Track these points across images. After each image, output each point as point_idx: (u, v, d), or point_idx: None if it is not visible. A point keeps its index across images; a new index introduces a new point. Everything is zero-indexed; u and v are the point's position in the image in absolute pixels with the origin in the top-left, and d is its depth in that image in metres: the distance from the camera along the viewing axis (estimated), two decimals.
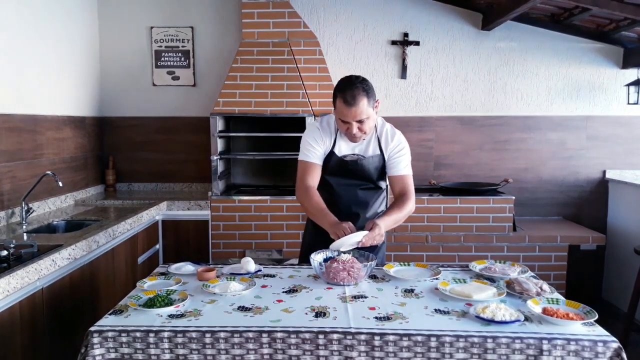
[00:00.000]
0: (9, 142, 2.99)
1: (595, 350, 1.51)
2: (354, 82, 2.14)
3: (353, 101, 2.09)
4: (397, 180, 2.32)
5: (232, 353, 1.56)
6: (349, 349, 1.54)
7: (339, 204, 2.30)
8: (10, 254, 2.11)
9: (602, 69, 4.22)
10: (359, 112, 2.11)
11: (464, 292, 1.84)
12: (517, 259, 3.68)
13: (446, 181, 4.27)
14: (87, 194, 3.93)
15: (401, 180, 2.31)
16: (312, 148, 2.28)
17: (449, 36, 4.22)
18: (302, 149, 2.32)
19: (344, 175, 2.32)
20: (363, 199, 2.34)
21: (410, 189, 2.31)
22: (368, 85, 2.15)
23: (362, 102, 2.10)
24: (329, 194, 2.32)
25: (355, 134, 2.17)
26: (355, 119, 2.13)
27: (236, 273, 2.10)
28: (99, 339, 1.57)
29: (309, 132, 2.34)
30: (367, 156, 2.29)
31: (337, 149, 2.29)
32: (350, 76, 2.19)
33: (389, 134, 2.31)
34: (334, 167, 2.31)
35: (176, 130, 4.29)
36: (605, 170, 4.29)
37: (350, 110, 2.11)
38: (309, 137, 2.31)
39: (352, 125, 2.14)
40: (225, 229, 3.75)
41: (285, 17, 3.88)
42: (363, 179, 2.32)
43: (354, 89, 2.11)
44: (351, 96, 2.09)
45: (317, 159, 2.29)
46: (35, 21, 3.29)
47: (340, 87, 2.15)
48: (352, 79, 2.16)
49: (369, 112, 2.14)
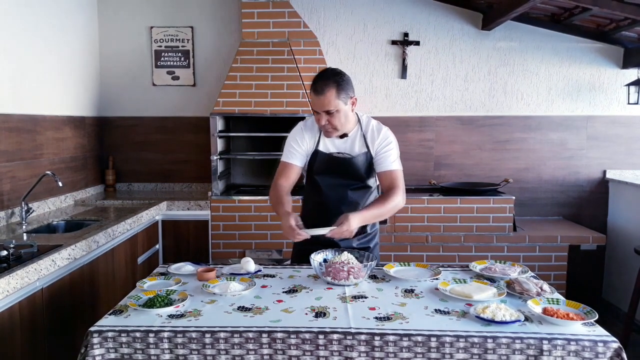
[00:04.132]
0: (9, 142, 2.99)
1: (595, 351, 1.50)
2: (328, 74, 2.16)
3: (321, 90, 2.10)
4: (385, 176, 2.28)
5: (232, 353, 1.55)
6: (349, 349, 1.54)
7: (329, 205, 2.27)
8: (10, 254, 2.11)
9: (603, 69, 4.22)
10: (326, 101, 2.10)
11: (464, 292, 1.84)
12: (518, 259, 3.68)
13: (446, 181, 4.27)
14: (86, 194, 3.92)
15: (389, 176, 2.26)
16: (292, 149, 2.29)
17: (449, 36, 4.22)
18: (284, 149, 2.33)
19: (332, 175, 2.29)
20: (353, 200, 2.30)
21: (399, 184, 2.25)
22: (343, 79, 2.14)
23: (330, 92, 2.10)
24: (318, 195, 2.31)
25: (325, 125, 2.16)
26: (323, 108, 2.12)
27: (236, 273, 2.10)
28: (99, 339, 1.56)
29: (292, 133, 2.34)
30: (354, 155, 2.27)
31: (322, 147, 2.29)
32: (327, 68, 2.23)
33: (375, 130, 2.28)
34: (320, 165, 2.29)
35: (176, 130, 4.29)
36: (606, 170, 4.29)
37: (318, 99, 2.11)
38: (291, 137, 2.32)
39: (321, 116, 2.15)
40: (225, 229, 3.75)
41: (285, 17, 3.88)
42: (352, 178, 2.29)
43: (324, 79, 2.12)
44: (320, 85, 2.11)
45: (296, 160, 2.29)
46: (35, 21, 3.28)
47: (315, 77, 2.17)
48: (327, 70, 2.19)
49: (337, 105, 2.12)
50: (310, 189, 2.37)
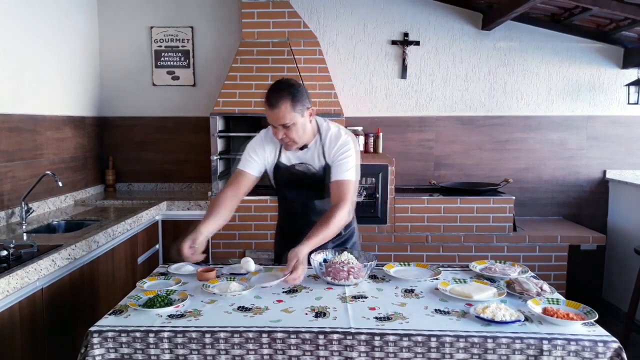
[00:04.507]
0: (9, 142, 2.99)
1: (595, 351, 1.50)
2: (282, 85, 2.06)
3: (275, 103, 2.02)
4: (334, 186, 2.13)
5: (232, 353, 1.55)
6: (349, 349, 1.54)
7: (298, 215, 2.26)
8: (10, 254, 2.11)
9: (603, 69, 4.22)
10: (280, 115, 2.02)
11: (464, 292, 1.84)
12: (518, 259, 3.68)
13: (446, 181, 4.27)
14: (86, 194, 3.92)
15: (339, 186, 2.11)
16: (248, 157, 2.23)
17: (449, 36, 4.22)
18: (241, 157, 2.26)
19: (296, 187, 2.25)
20: (320, 208, 2.24)
21: (346, 196, 2.10)
22: (297, 90, 2.05)
23: (284, 105, 2.01)
24: (287, 207, 2.32)
25: (283, 139, 2.09)
26: (278, 122, 2.04)
27: (236, 273, 2.10)
28: (99, 339, 1.56)
29: (252, 141, 2.27)
30: (317, 168, 2.20)
31: (283, 159, 2.23)
32: (281, 79, 2.12)
33: (333, 139, 2.17)
34: (284, 177, 2.25)
35: (176, 130, 4.29)
36: (606, 170, 4.29)
37: (272, 112, 2.03)
38: (250, 146, 2.25)
39: (277, 130, 2.07)
40: (225, 229, 3.69)
41: (285, 17, 3.88)
42: (316, 189, 2.24)
43: (279, 91, 2.03)
44: (274, 98, 2.02)
45: (251, 169, 2.22)
46: (35, 21, 3.28)
47: (268, 89, 2.07)
48: (281, 81, 2.09)
49: (293, 118, 2.04)
50: (280, 199, 2.38)
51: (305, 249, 1.96)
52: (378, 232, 3.78)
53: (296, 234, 2.10)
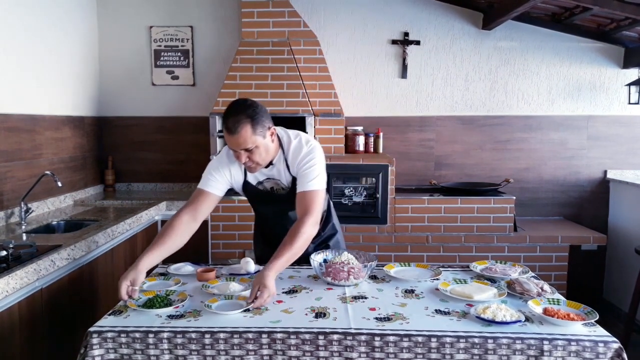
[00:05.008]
0: (8, 142, 2.99)
1: (596, 351, 1.50)
2: (238, 108, 1.94)
3: (234, 129, 1.90)
4: (299, 198, 2.03)
5: (232, 354, 1.55)
6: (349, 349, 1.54)
7: (274, 229, 2.21)
8: (10, 254, 2.11)
9: (603, 69, 4.21)
10: (241, 140, 1.91)
11: (464, 292, 1.83)
12: (518, 259, 3.68)
13: (447, 181, 4.27)
14: (86, 194, 3.92)
15: (303, 198, 2.02)
16: (210, 176, 2.14)
17: (450, 35, 4.21)
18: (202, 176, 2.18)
19: (268, 202, 2.21)
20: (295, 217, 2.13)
21: (312, 208, 1.99)
22: (255, 112, 1.94)
23: (245, 130, 1.90)
24: (263, 222, 2.32)
25: (246, 162, 2.00)
26: (240, 147, 1.94)
27: (236, 273, 2.10)
28: (98, 339, 1.56)
29: (214, 160, 2.20)
30: (285, 184, 2.14)
31: (249, 177, 2.16)
32: (237, 100, 2.00)
33: (295, 151, 2.08)
34: (255, 196, 2.21)
35: (175, 130, 4.28)
36: (606, 170, 4.29)
37: (232, 138, 1.92)
38: (212, 165, 2.17)
39: (240, 154, 1.97)
40: (225, 229, 3.75)
41: (285, 17, 3.88)
42: (286, 202, 2.14)
43: (236, 115, 1.91)
44: (232, 123, 1.90)
45: (213, 188, 2.12)
46: (34, 20, 3.28)
47: (225, 113, 1.96)
48: (238, 103, 1.97)
49: (255, 141, 1.93)
50: (257, 216, 2.39)
51: (270, 274, 1.80)
52: (378, 232, 3.78)
53: (274, 238, 2.08)
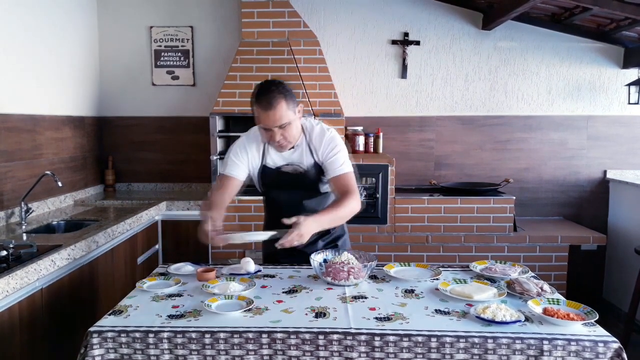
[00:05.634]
0: (8, 142, 2.99)
1: (595, 351, 1.50)
2: (270, 86, 2.03)
3: (270, 105, 1.98)
4: (335, 182, 2.16)
5: (232, 354, 1.55)
6: (349, 349, 1.54)
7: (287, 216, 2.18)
8: (10, 254, 2.11)
9: (603, 69, 4.22)
10: (277, 116, 1.99)
11: (464, 292, 1.84)
12: (518, 259, 3.68)
13: (447, 181, 4.27)
14: (86, 194, 3.92)
15: (340, 180, 2.14)
16: (232, 162, 2.19)
17: (450, 36, 4.21)
18: (224, 163, 2.24)
19: (284, 188, 2.23)
20: (310, 208, 2.22)
21: (352, 187, 2.13)
22: (285, 89, 2.04)
23: (280, 105, 1.99)
24: (275, 210, 2.25)
25: (280, 141, 2.06)
26: (275, 124, 2.01)
27: (236, 273, 2.10)
28: (99, 339, 1.56)
29: (233, 146, 2.23)
30: (305, 167, 2.18)
31: (269, 162, 2.20)
32: (266, 80, 2.09)
33: (318, 136, 2.17)
34: (271, 180, 2.22)
35: (176, 130, 4.28)
36: (606, 170, 4.29)
37: (268, 115, 2.00)
38: (232, 151, 2.21)
39: (274, 132, 2.03)
40: (225, 230, 3.73)
41: (285, 17, 3.88)
42: (304, 188, 2.22)
43: (270, 92, 2.00)
44: (267, 100, 1.99)
45: (236, 173, 2.19)
46: (35, 20, 3.28)
47: (256, 93, 2.04)
48: (268, 83, 2.06)
49: (289, 116, 2.02)
50: (266, 202, 2.35)
51: (311, 221, 1.93)
52: (378, 232, 3.78)
53: None
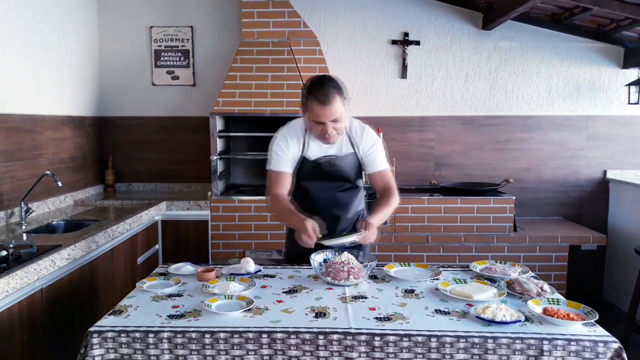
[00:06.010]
0: (8, 142, 2.99)
1: (595, 351, 1.50)
2: (325, 81, 2.11)
3: (327, 100, 2.05)
4: (376, 177, 2.28)
5: (232, 354, 1.55)
6: (349, 349, 1.54)
7: (319, 208, 2.24)
8: (10, 254, 2.11)
9: (603, 69, 4.22)
10: (333, 110, 2.06)
11: (464, 292, 1.84)
12: (518, 259, 3.68)
13: (447, 181, 4.27)
14: (86, 194, 3.92)
15: (381, 176, 2.28)
16: (278, 157, 2.22)
17: (450, 36, 4.21)
18: (269, 158, 2.26)
19: (320, 179, 2.26)
20: (342, 201, 2.29)
21: (392, 184, 2.28)
22: (339, 84, 2.12)
23: (336, 100, 2.07)
24: (307, 200, 2.28)
25: (331, 134, 2.12)
26: (331, 118, 2.08)
27: (236, 273, 2.10)
28: (99, 339, 1.56)
29: (276, 140, 2.26)
30: (341, 155, 2.24)
31: (308, 153, 2.24)
32: (321, 76, 2.17)
33: (358, 130, 2.26)
34: (308, 172, 2.25)
35: (176, 130, 4.28)
36: (606, 170, 4.29)
37: (325, 109, 2.06)
38: (275, 145, 2.24)
39: (327, 125, 2.10)
40: (225, 229, 3.75)
41: (285, 17, 3.88)
42: (340, 180, 2.28)
43: (327, 87, 2.07)
44: (324, 95, 2.05)
45: (286, 167, 2.23)
46: (35, 20, 3.28)
47: (312, 87, 2.10)
48: (322, 78, 2.14)
49: (342, 110, 2.10)
50: (298, 193, 2.34)
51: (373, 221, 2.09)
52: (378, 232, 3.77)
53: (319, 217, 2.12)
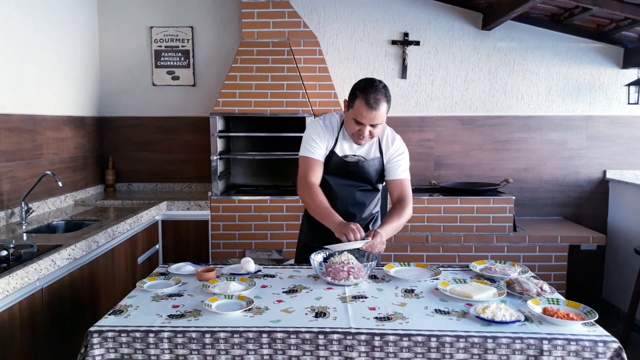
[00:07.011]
0: (9, 142, 2.99)
1: (595, 351, 1.50)
2: (378, 85, 2.12)
3: (376, 105, 2.09)
4: (395, 185, 2.32)
5: (232, 353, 1.55)
6: (349, 349, 1.54)
7: (337, 204, 2.27)
8: (10, 254, 2.11)
9: (603, 69, 4.22)
10: (378, 116, 2.11)
11: (464, 292, 1.84)
12: (518, 259, 3.68)
13: (446, 181, 4.27)
14: (86, 194, 3.92)
15: (400, 185, 2.32)
16: (315, 144, 2.25)
17: (449, 36, 4.22)
18: (304, 145, 2.28)
19: (343, 176, 2.30)
20: (360, 200, 2.34)
21: (409, 194, 2.32)
22: (389, 93, 2.16)
23: (383, 107, 2.11)
24: (327, 193, 2.29)
25: (366, 136, 2.16)
26: (373, 122, 2.12)
27: (236, 273, 2.10)
28: (99, 339, 1.56)
29: (312, 128, 2.30)
30: (369, 158, 2.29)
31: (338, 149, 2.28)
32: (373, 79, 2.17)
33: (389, 138, 2.32)
34: (334, 167, 2.29)
35: (176, 130, 4.29)
36: (606, 170, 4.29)
37: (370, 113, 2.09)
38: (313, 133, 2.27)
39: (365, 127, 2.13)
40: (225, 229, 3.75)
41: (285, 17, 3.88)
42: (362, 181, 2.32)
43: (378, 92, 2.10)
44: (374, 99, 2.08)
45: (320, 156, 2.26)
46: (35, 21, 3.28)
47: (364, 88, 2.12)
48: (376, 82, 2.15)
49: (384, 118, 2.15)
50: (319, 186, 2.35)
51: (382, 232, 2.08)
52: None
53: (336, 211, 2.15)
